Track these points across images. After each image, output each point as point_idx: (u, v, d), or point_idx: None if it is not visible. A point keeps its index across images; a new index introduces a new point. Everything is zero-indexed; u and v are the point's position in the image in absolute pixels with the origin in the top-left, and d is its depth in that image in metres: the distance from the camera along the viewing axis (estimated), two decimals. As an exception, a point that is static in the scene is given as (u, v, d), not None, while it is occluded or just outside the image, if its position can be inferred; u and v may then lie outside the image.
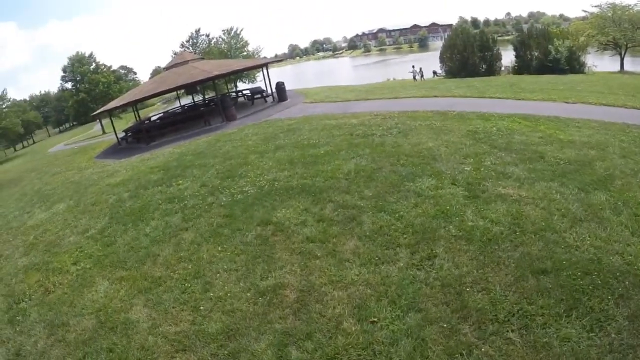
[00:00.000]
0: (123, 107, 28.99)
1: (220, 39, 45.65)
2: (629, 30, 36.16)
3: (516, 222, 6.18)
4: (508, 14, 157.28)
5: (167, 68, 25.97)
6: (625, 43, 37.00)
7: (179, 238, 7.35)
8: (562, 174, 7.64)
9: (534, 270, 5.13)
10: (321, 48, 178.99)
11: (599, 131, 10.07)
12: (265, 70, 27.13)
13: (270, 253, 6.20)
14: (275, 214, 7.33)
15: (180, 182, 10.34)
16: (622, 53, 37.75)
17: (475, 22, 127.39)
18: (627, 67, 37.79)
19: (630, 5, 36.80)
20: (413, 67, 37.05)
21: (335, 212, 7.08)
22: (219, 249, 6.63)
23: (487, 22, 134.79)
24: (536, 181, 7.43)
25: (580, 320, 4.25)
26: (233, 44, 44.95)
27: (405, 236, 6.15)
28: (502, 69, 34.93)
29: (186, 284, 5.86)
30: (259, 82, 38.57)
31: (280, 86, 22.61)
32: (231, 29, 45.38)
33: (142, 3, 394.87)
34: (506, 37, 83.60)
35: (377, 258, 5.68)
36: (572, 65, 30.97)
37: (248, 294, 5.38)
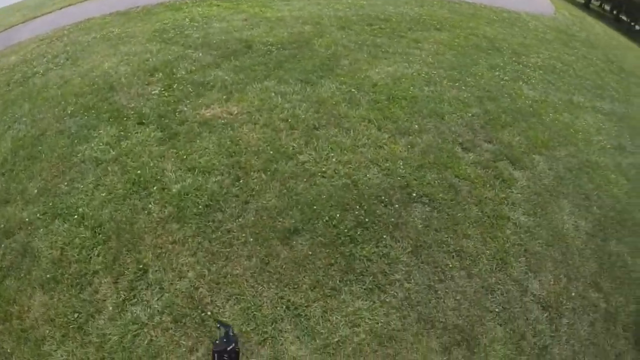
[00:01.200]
0: None
1: None
2: None
3: (235, 160, 4.53)
4: None
5: None
6: None
7: None
8: (277, 64, 6.30)
9: (280, 234, 3.80)
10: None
11: (310, 1, 9.06)
12: None
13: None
14: None
15: None
16: None
17: None
18: None
19: None
20: None
21: (-1, 252, 4.28)
22: None
23: None
24: (248, 84, 5.84)
25: (361, 286, 3.46)
26: None
27: (97, 251, 3.76)
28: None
29: None
30: None
31: None
32: None
33: None
34: None
35: (74, 318, 3.35)
36: None
37: None
